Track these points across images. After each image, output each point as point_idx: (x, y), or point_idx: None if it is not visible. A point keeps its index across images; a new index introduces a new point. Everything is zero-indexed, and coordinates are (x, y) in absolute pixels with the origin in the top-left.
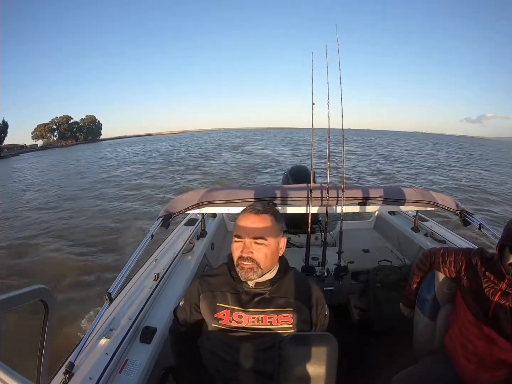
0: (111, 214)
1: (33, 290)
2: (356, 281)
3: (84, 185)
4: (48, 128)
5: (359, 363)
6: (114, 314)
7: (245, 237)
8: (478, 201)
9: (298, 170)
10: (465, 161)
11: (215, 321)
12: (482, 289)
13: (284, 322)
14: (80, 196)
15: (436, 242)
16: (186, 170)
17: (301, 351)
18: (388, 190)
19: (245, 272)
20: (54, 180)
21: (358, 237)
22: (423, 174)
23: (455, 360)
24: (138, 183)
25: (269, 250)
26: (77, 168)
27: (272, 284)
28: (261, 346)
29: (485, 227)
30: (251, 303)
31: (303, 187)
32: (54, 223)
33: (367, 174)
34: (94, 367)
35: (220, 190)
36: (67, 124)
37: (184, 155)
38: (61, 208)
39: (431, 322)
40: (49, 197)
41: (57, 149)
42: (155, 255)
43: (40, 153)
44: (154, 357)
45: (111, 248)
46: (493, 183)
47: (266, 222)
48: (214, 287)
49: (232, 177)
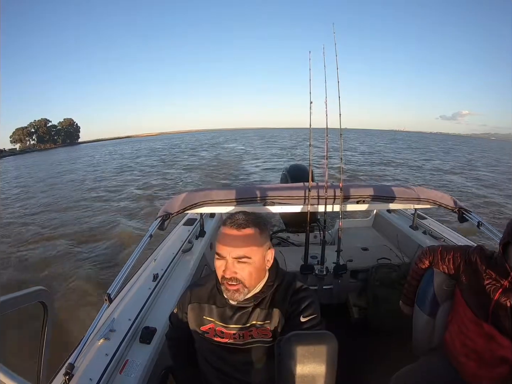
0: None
1: (32, 291)
2: (355, 279)
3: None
4: (27, 132)
5: (358, 361)
6: (114, 315)
7: (227, 256)
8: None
9: (296, 169)
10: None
11: (201, 334)
12: (483, 286)
13: (264, 335)
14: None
15: (435, 240)
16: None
17: (300, 350)
18: (386, 188)
19: (231, 294)
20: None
21: (357, 235)
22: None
23: (455, 357)
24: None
25: (254, 268)
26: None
27: (257, 298)
28: (246, 360)
29: (483, 225)
30: (233, 318)
31: (302, 186)
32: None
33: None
34: (94, 368)
35: (218, 190)
36: (45, 128)
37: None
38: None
39: (431, 319)
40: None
41: (36, 153)
42: (154, 255)
43: (20, 157)
44: (154, 357)
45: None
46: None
47: (249, 237)
48: (202, 299)
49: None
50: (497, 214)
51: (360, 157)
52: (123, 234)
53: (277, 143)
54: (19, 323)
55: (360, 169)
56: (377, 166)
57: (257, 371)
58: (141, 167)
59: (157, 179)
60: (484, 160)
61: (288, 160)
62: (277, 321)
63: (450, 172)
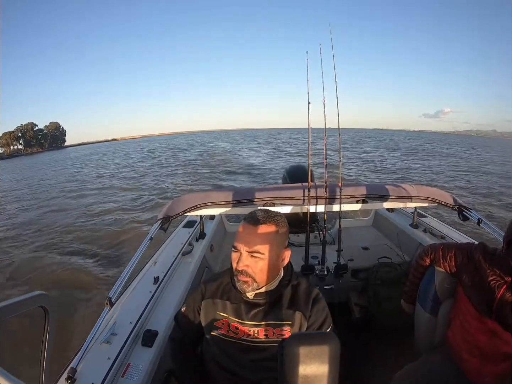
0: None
1: (32, 296)
2: (356, 278)
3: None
4: (14, 136)
5: (360, 360)
6: (115, 319)
7: (241, 249)
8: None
9: (295, 169)
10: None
11: (214, 329)
12: (486, 283)
13: (280, 335)
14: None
15: (435, 238)
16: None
17: (303, 350)
18: (385, 187)
19: (240, 284)
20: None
21: (357, 235)
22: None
23: (457, 354)
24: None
25: (266, 264)
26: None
27: (272, 295)
28: (257, 357)
29: (484, 222)
30: (249, 314)
31: (301, 187)
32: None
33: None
34: (96, 372)
35: (218, 191)
36: (32, 132)
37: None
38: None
39: (433, 317)
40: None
41: (23, 157)
42: (155, 258)
43: (8, 161)
44: (156, 360)
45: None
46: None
47: (264, 234)
48: (216, 294)
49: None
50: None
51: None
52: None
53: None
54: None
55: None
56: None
57: (267, 371)
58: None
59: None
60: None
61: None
62: (299, 323)
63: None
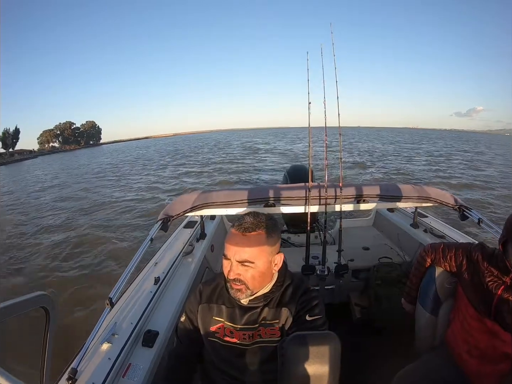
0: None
1: (34, 296)
2: (356, 278)
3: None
4: (53, 134)
5: (361, 360)
6: (116, 319)
7: (231, 258)
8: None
9: (296, 169)
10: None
11: (211, 335)
12: (485, 283)
13: (272, 334)
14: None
15: (436, 238)
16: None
17: (304, 350)
18: (386, 187)
19: (233, 292)
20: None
21: (358, 235)
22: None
23: (457, 354)
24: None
25: (257, 272)
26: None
27: (266, 298)
28: (253, 361)
29: (484, 222)
30: (243, 319)
31: (302, 187)
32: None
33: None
34: (97, 372)
35: (218, 191)
36: (70, 130)
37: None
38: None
39: (433, 317)
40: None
41: (62, 153)
42: (155, 258)
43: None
44: (157, 360)
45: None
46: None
47: (254, 242)
48: (211, 299)
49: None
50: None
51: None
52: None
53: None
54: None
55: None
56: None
57: (264, 372)
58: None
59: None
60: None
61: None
62: (285, 319)
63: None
